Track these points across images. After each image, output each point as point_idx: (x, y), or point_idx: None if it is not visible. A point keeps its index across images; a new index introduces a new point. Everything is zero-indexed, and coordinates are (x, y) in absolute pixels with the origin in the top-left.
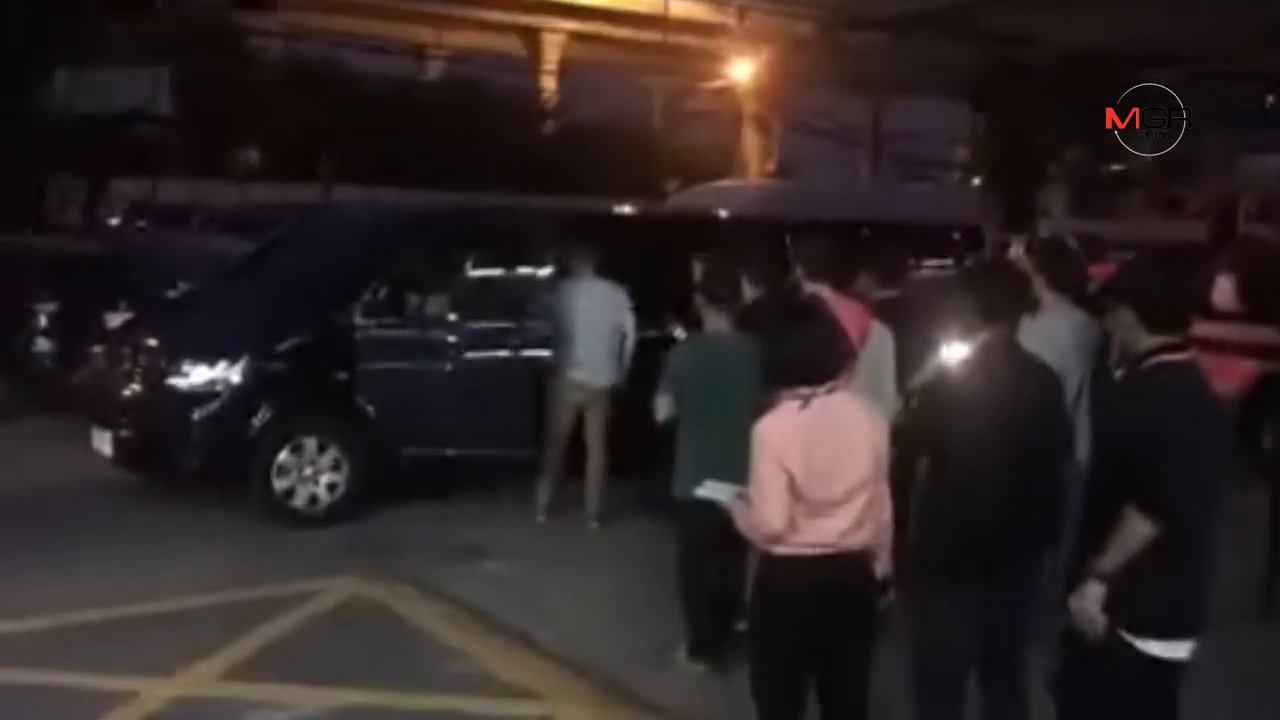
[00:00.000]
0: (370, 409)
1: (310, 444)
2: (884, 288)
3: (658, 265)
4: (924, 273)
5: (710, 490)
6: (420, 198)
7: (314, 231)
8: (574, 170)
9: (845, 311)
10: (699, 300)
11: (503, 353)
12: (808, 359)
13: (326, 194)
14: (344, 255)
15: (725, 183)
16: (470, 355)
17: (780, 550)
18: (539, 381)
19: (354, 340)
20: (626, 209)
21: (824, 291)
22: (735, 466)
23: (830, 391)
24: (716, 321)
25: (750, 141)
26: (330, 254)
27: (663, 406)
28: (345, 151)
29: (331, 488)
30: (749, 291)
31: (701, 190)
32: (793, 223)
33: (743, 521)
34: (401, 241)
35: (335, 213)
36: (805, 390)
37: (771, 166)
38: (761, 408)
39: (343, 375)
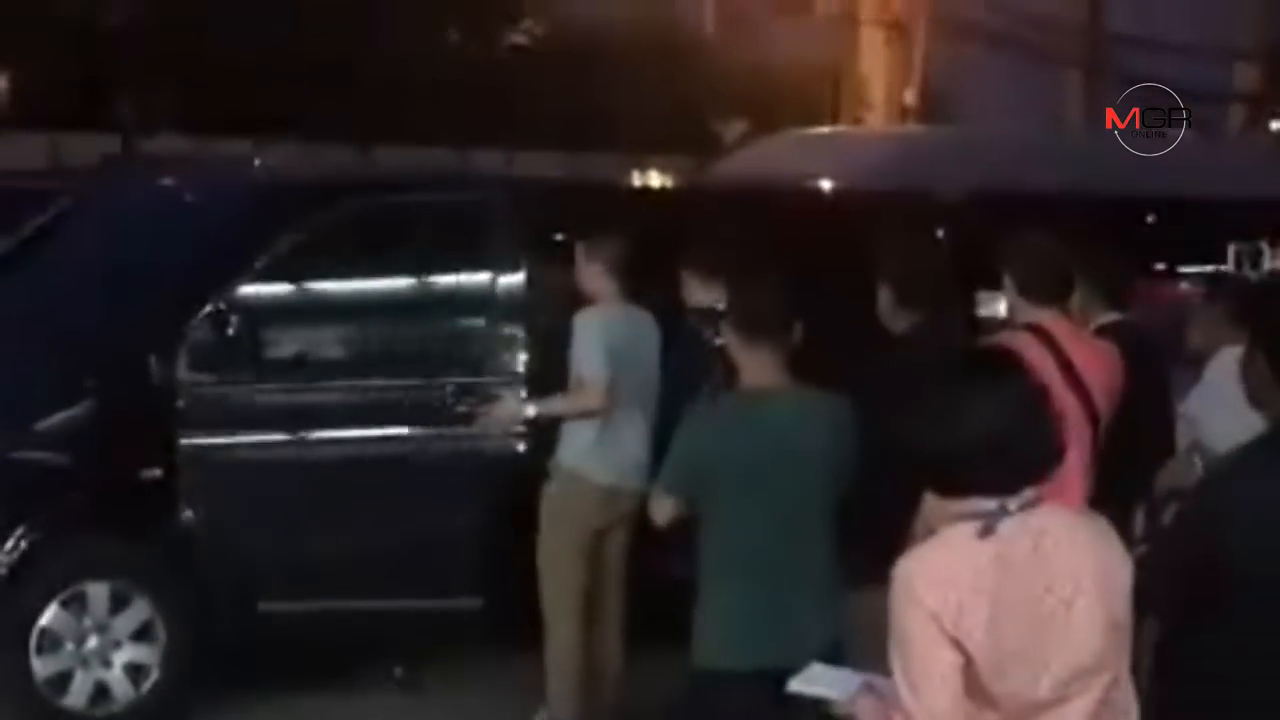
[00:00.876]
0: (205, 531)
1: (98, 594)
2: (1108, 307)
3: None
4: (1177, 285)
5: (810, 683)
6: (299, 159)
7: (106, 221)
8: (564, 109)
9: (1090, 358)
10: (730, 335)
11: (437, 431)
12: (997, 446)
13: (128, 151)
14: (159, 262)
15: (828, 129)
16: (378, 436)
17: None
18: (500, 481)
19: (177, 411)
20: (654, 178)
21: (1051, 322)
22: (809, 629)
23: (1030, 505)
24: (761, 369)
25: (874, 57)
26: (135, 260)
27: (661, 507)
28: (162, 77)
29: (136, 673)
30: (896, 319)
31: (786, 142)
32: (948, 201)
33: None
34: (262, 237)
35: (144, 188)
36: (989, 504)
37: (912, 100)
38: (889, 527)
39: (155, 472)
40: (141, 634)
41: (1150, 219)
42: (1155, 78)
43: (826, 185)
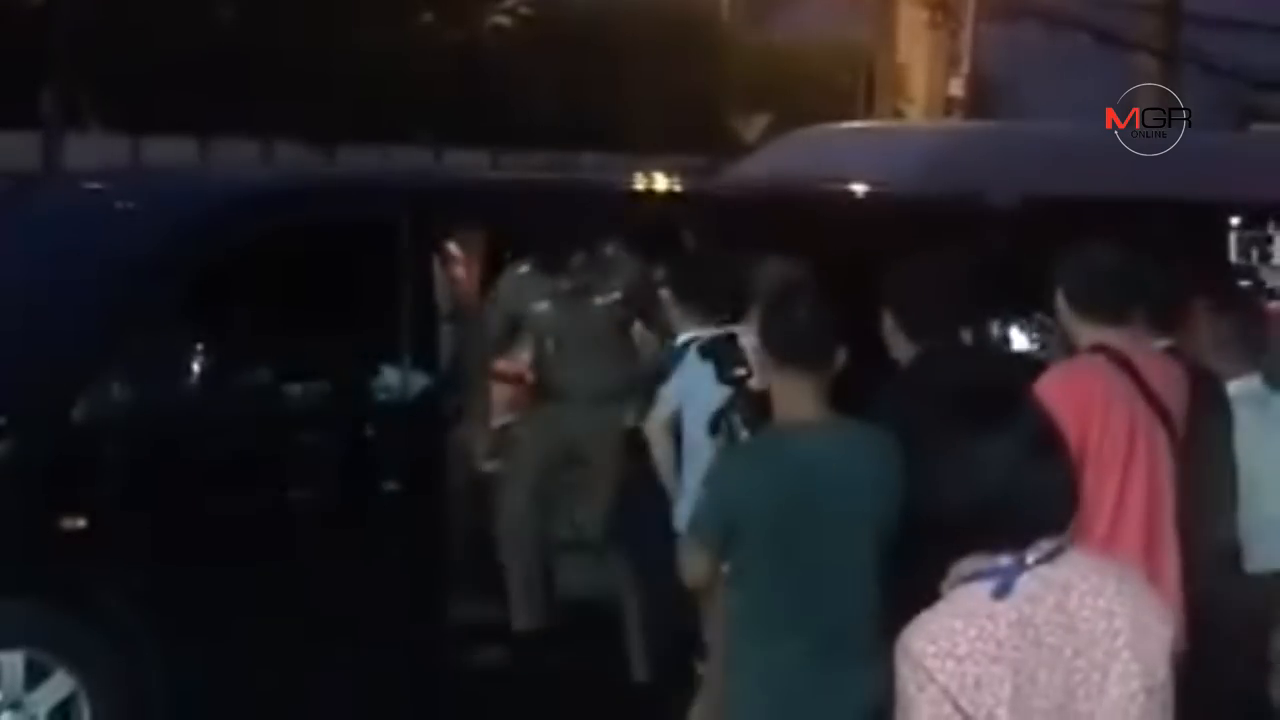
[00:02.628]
0: (137, 591)
1: (12, 665)
2: (1160, 331)
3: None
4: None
5: None
6: (247, 160)
7: (23, 231)
8: (556, 102)
9: (1164, 378)
10: (764, 363)
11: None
12: (1001, 500)
13: (51, 151)
14: (85, 279)
15: (862, 124)
16: (359, 468)
17: None
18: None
19: (104, 447)
20: (659, 179)
21: (1118, 340)
22: (850, 696)
23: (1050, 557)
24: (798, 401)
25: (915, 41)
26: (55, 277)
27: (696, 563)
28: (93, 69)
29: None
30: (899, 348)
31: (814, 139)
32: (999, 207)
33: None
34: (209, 248)
35: (69, 192)
36: (1002, 560)
37: (959, 91)
38: (913, 584)
39: (79, 521)
40: (62, 711)
41: (1229, 226)
42: (1237, 65)
43: (859, 190)
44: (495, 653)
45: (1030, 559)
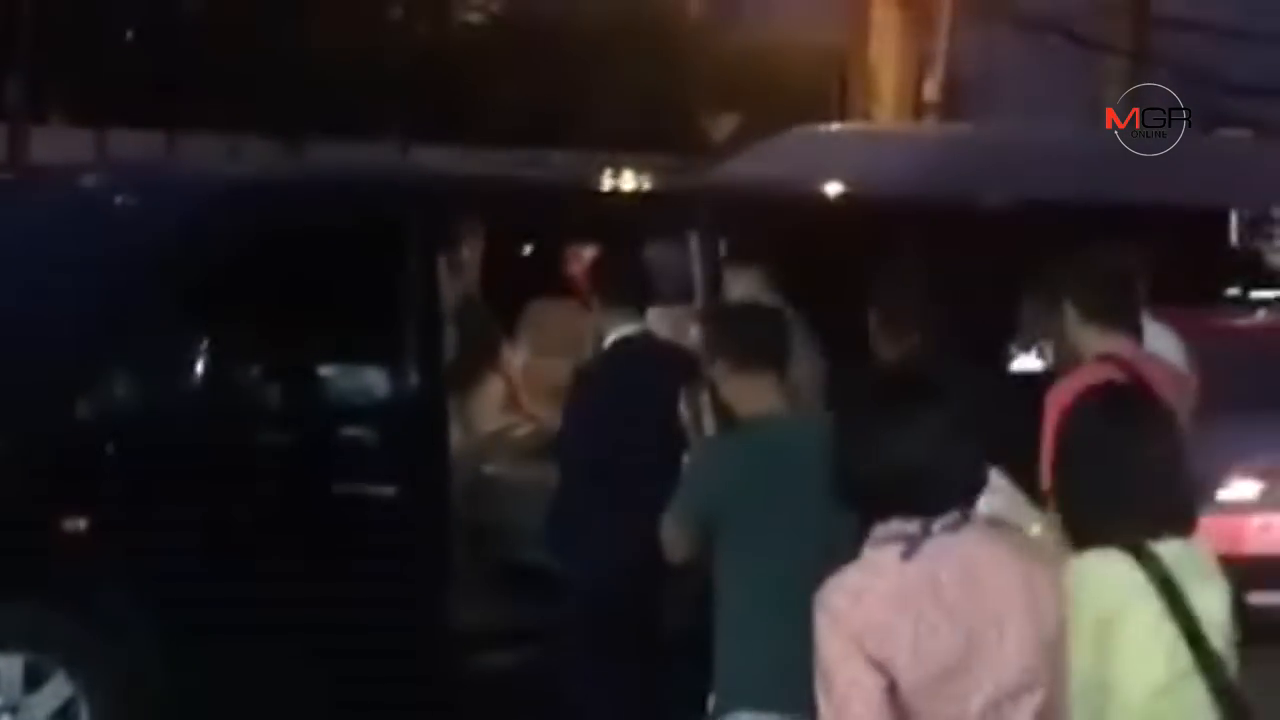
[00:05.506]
0: (137, 595)
1: (10, 669)
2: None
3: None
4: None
5: None
6: (226, 155)
7: (19, 229)
8: (525, 99)
9: (1169, 384)
10: (719, 365)
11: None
12: (916, 472)
13: (16, 142)
14: (83, 275)
15: (836, 127)
16: (360, 470)
17: None
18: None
19: (104, 449)
20: (629, 180)
21: (1125, 349)
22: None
23: (954, 527)
24: (762, 397)
25: (887, 42)
26: (53, 273)
27: (674, 541)
28: (59, 61)
29: None
30: (886, 347)
31: (788, 143)
32: (980, 210)
33: None
34: (210, 247)
35: (68, 188)
36: (911, 526)
37: (933, 94)
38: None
39: (78, 523)
40: (62, 715)
41: (1208, 234)
42: (1206, 68)
43: (832, 191)
44: (497, 656)
45: (936, 527)
